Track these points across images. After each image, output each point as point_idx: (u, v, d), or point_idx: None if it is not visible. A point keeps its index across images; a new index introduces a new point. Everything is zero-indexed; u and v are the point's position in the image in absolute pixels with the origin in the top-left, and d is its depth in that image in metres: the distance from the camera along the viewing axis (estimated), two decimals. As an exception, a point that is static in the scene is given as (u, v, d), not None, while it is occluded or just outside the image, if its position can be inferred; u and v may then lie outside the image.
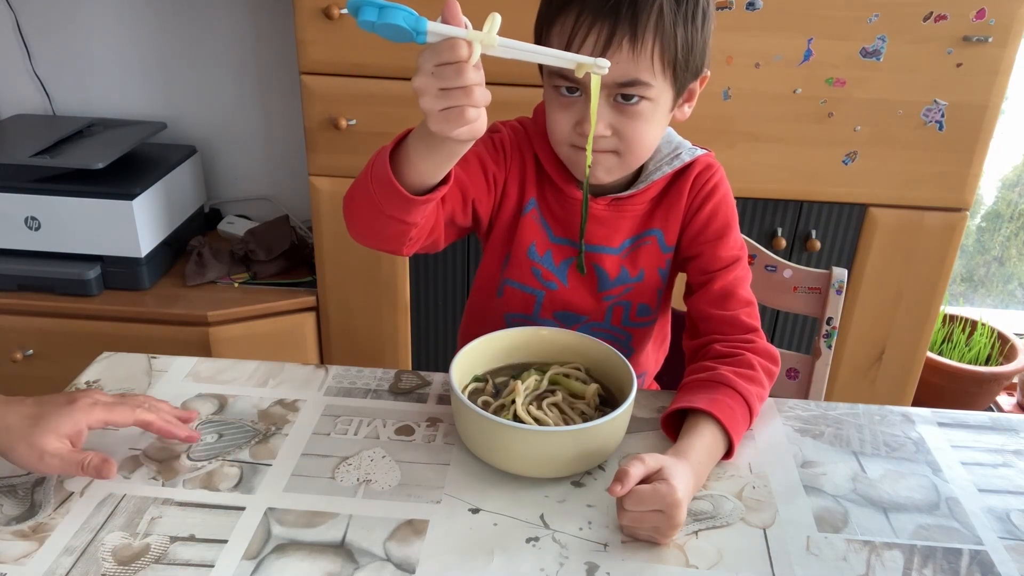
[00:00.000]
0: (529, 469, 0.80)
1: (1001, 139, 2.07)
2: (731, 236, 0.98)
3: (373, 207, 0.79)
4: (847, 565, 0.72)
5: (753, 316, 0.95)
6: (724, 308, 0.94)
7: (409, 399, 0.93)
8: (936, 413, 0.95)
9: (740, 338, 0.93)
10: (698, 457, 0.80)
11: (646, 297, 1.02)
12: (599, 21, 0.81)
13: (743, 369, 0.89)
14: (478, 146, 0.96)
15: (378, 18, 0.61)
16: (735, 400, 0.85)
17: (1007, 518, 0.79)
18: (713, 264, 0.96)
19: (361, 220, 0.83)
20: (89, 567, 0.69)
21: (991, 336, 2.13)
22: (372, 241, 0.85)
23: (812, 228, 1.65)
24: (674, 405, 0.87)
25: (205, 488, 0.79)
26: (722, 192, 0.98)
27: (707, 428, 0.83)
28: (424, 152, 0.75)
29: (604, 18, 0.81)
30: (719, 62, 1.50)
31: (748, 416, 0.86)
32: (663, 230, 0.99)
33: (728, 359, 0.91)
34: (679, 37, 0.83)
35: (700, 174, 0.98)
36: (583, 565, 0.71)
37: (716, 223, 0.97)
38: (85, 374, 0.96)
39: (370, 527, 0.74)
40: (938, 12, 1.45)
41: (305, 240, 1.91)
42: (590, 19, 0.81)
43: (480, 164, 0.95)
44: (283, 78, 1.94)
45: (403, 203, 0.77)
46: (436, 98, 0.67)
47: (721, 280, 0.95)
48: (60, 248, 1.71)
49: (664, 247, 1.00)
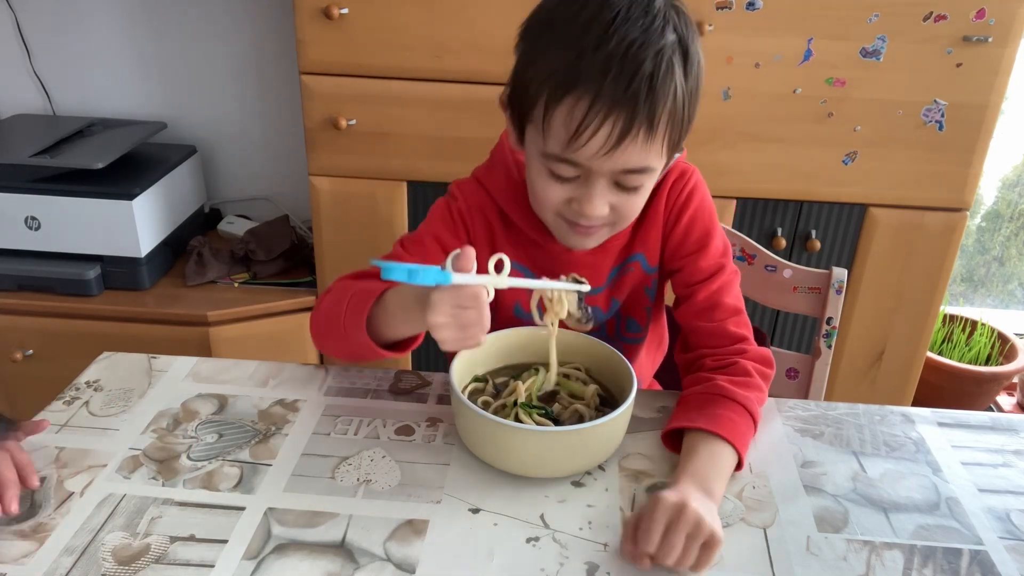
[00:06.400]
0: (529, 469, 0.80)
1: (1001, 139, 2.07)
2: (711, 245, 0.95)
3: (349, 348, 0.86)
4: (847, 565, 0.72)
5: (741, 324, 0.93)
6: (710, 319, 0.93)
7: (409, 399, 0.93)
8: (936, 413, 0.95)
9: (730, 349, 0.91)
10: (703, 472, 0.77)
11: (634, 313, 1.01)
12: (616, 110, 0.75)
13: (739, 377, 0.88)
14: (436, 225, 0.94)
15: (408, 279, 0.66)
16: (736, 412, 0.84)
17: (1007, 518, 0.79)
18: (695, 276, 0.94)
19: (335, 352, 0.90)
20: (89, 567, 0.69)
21: (991, 336, 2.12)
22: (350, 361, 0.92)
23: (812, 228, 1.65)
24: (675, 423, 0.85)
25: (205, 488, 0.79)
26: (698, 199, 0.95)
27: (712, 445, 0.80)
28: (404, 323, 0.81)
29: (621, 108, 0.75)
30: (719, 62, 1.50)
31: (752, 424, 0.85)
32: (645, 252, 0.97)
33: (723, 370, 0.89)
34: (686, 118, 0.80)
35: (674, 185, 0.94)
36: (583, 565, 0.71)
37: (695, 234, 0.95)
38: (85, 374, 0.96)
39: (370, 527, 0.74)
40: (938, 12, 1.45)
41: (305, 240, 1.91)
42: (606, 108, 0.75)
43: (440, 247, 0.93)
44: (283, 78, 1.94)
45: (378, 353, 0.84)
46: (454, 331, 0.72)
47: (704, 291, 0.93)
48: (60, 248, 1.71)
49: (648, 268, 0.98)
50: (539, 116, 0.79)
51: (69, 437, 0.85)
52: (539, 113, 0.79)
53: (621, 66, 0.74)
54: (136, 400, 0.92)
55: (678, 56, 0.77)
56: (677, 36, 0.77)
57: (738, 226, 1.64)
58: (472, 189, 0.96)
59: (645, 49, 0.75)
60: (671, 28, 0.77)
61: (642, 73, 0.74)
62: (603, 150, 0.77)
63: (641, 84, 0.75)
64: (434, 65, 1.53)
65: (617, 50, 0.74)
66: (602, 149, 0.77)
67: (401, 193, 1.63)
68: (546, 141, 0.80)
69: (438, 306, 0.71)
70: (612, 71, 0.74)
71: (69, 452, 0.83)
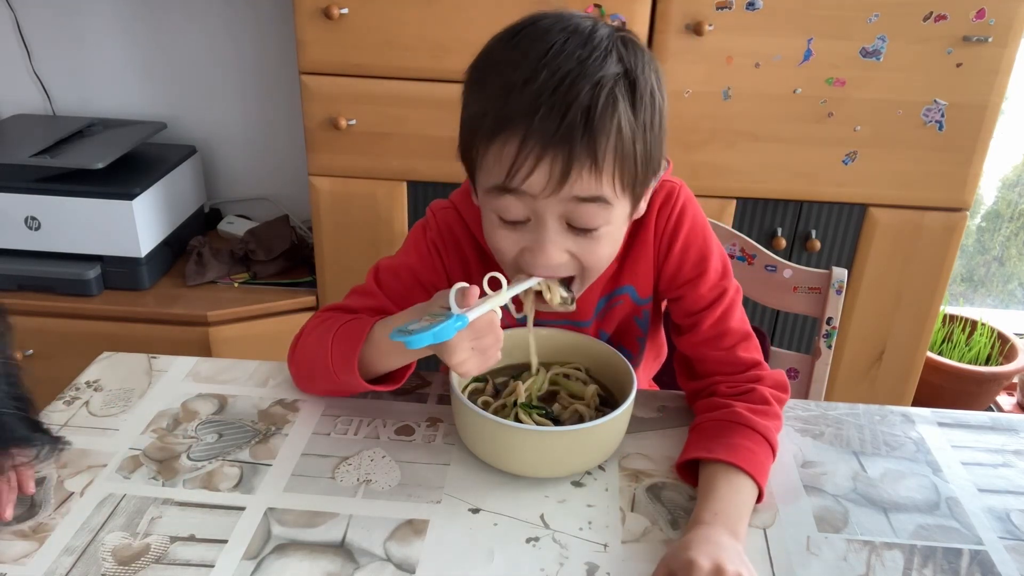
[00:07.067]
0: (529, 469, 0.80)
1: (1001, 139, 2.07)
2: (710, 268, 0.88)
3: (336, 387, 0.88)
4: (847, 565, 0.72)
5: (751, 348, 0.88)
6: (719, 347, 0.88)
7: (409, 399, 0.93)
8: (936, 413, 0.95)
9: (744, 376, 0.87)
10: (726, 511, 0.73)
11: (625, 343, 0.98)
12: (552, 148, 0.70)
13: (759, 405, 0.83)
14: (412, 257, 0.92)
15: (434, 340, 0.70)
16: (756, 442, 0.79)
17: (1007, 518, 0.79)
18: (697, 304, 0.88)
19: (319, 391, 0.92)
20: (89, 567, 0.69)
21: (991, 336, 2.12)
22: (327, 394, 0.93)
23: (812, 228, 1.65)
24: (693, 452, 0.80)
25: (205, 488, 0.79)
26: (689, 221, 0.88)
27: (733, 480, 0.76)
28: (402, 356, 0.82)
29: (556, 146, 0.69)
30: (719, 62, 1.50)
31: (771, 455, 0.81)
32: (635, 285, 0.92)
33: (740, 396, 0.85)
34: (639, 153, 0.73)
35: (661, 209, 0.87)
36: (583, 565, 0.71)
37: (690, 259, 0.88)
38: (85, 374, 0.96)
39: (370, 527, 0.74)
40: (938, 12, 1.45)
41: (305, 240, 1.91)
42: (539, 148, 0.70)
43: (416, 280, 0.91)
44: (283, 78, 1.94)
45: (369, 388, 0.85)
46: (476, 359, 0.75)
47: (709, 319, 0.88)
48: (60, 248, 1.71)
49: (638, 300, 0.93)
50: (478, 160, 0.76)
51: (69, 437, 0.85)
52: (477, 157, 0.76)
53: (552, 101, 0.69)
54: (136, 400, 0.92)
55: (623, 88, 0.71)
56: (623, 68, 0.72)
57: (738, 226, 1.64)
58: (448, 219, 0.91)
59: (580, 81, 0.69)
60: (615, 59, 0.72)
61: (577, 106, 0.69)
62: (546, 191, 0.72)
63: (576, 117, 0.69)
64: (434, 65, 1.53)
65: (547, 85, 0.69)
66: (545, 190, 0.72)
67: (401, 193, 1.63)
68: (488, 177, 0.76)
69: (458, 345, 0.73)
70: (542, 108, 0.69)
71: (69, 452, 0.83)
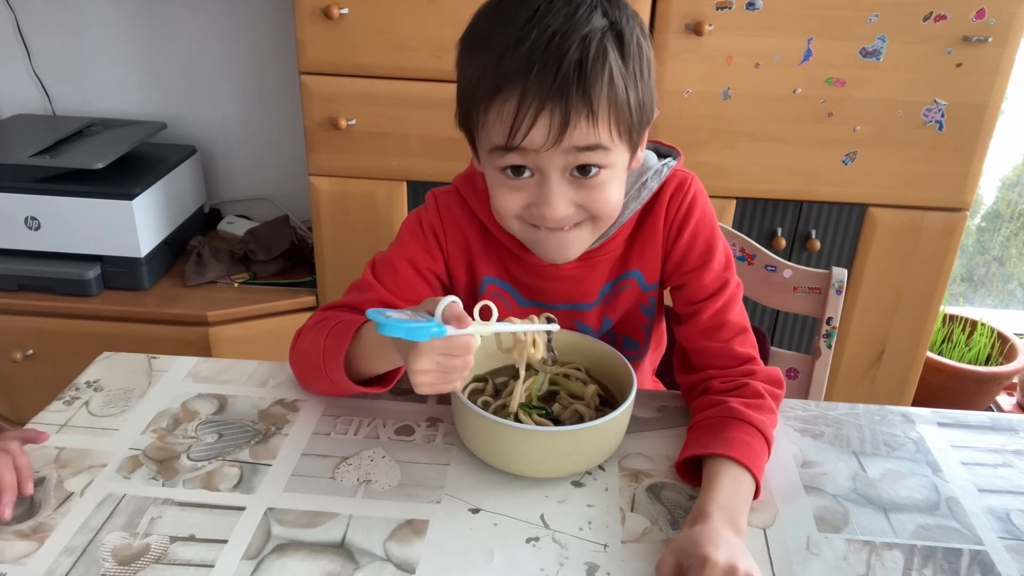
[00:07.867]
0: (529, 469, 0.80)
1: (1001, 139, 2.07)
2: (714, 259, 0.90)
3: (333, 388, 0.88)
4: (847, 565, 0.72)
5: (747, 343, 0.90)
6: (716, 339, 0.89)
7: (409, 399, 0.93)
8: (936, 413, 0.95)
9: (738, 371, 0.88)
10: (728, 506, 0.73)
11: (630, 332, 0.98)
12: (549, 102, 0.73)
13: (752, 399, 0.84)
14: (409, 246, 0.92)
15: (407, 336, 0.68)
16: (752, 435, 0.80)
17: (1007, 518, 0.79)
18: (699, 294, 0.90)
19: (320, 392, 0.92)
20: (89, 567, 0.69)
21: (991, 336, 2.13)
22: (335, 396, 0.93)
23: (812, 228, 1.65)
24: (693, 450, 0.81)
25: (205, 488, 0.79)
26: (699, 211, 0.90)
27: (733, 474, 0.76)
28: (381, 359, 0.82)
29: (553, 100, 0.73)
30: (719, 62, 1.50)
31: (767, 449, 0.81)
32: (642, 270, 0.93)
33: (734, 392, 0.86)
34: (632, 100, 0.76)
35: (672, 197, 0.90)
36: (583, 565, 0.71)
37: (697, 249, 0.90)
38: (85, 374, 0.96)
39: (370, 527, 0.74)
40: (938, 12, 1.45)
41: (305, 240, 1.91)
42: (537, 103, 0.73)
43: (414, 270, 0.91)
44: (283, 78, 1.94)
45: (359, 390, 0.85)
46: (435, 377, 0.72)
47: (709, 309, 0.89)
48: (60, 248, 1.71)
49: (645, 286, 0.94)
50: (479, 124, 0.79)
51: (69, 437, 0.85)
52: (478, 121, 0.79)
53: (545, 58, 0.72)
54: (136, 400, 0.92)
55: (611, 39, 0.75)
56: (609, 21, 0.75)
57: (738, 226, 1.64)
58: (449, 200, 0.93)
59: (569, 36, 0.72)
60: (599, 13, 0.75)
61: (569, 60, 0.72)
62: (547, 144, 0.75)
63: (570, 71, 0.72)
64: (434, 65, 1.53)
65: (539, 43, 0.72)
66: (546, 144, 0.75)
67: (401, 193, 1.63)
68: (490, 139, 0.78)
69: (426, 354, 0.70)
70: (536, 65, 0.72)
71: (69, 452, 0.83)
